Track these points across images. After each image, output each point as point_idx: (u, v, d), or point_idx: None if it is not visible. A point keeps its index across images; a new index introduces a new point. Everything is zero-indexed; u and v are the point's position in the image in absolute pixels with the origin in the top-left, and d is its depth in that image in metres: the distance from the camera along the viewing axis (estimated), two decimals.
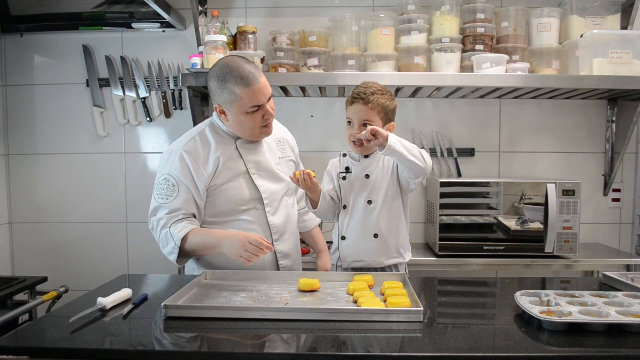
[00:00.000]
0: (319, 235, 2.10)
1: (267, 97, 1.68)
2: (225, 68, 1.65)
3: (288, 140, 1.95)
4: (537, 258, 2.36)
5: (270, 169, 1.80)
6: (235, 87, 1.62)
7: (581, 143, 2.81)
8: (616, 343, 1.13)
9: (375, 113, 1.69)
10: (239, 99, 1.63)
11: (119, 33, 2.81)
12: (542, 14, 2.57)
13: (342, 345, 1.14)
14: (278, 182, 1.80)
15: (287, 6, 2.79)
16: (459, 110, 2.81)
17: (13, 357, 1.11)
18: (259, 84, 1.64)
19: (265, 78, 1.68)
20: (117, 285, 1.57)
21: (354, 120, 1.71)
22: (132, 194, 2.87)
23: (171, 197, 1.68)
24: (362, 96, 1.68)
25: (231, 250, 1.55)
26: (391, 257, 1.76)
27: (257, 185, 1.75)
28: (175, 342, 1.18)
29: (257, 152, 1.79)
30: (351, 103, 1.72)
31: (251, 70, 1.64)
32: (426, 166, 1.62)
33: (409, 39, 2.54)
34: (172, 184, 1.69)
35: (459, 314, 1.41)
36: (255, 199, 1.75)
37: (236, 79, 1.62)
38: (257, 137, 1.76)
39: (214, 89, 1.68)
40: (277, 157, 1.84)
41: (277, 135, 1.90)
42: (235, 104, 1.64)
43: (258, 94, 1.64)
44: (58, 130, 2.86)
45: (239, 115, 1.66)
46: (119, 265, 2.84)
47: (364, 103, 1.68)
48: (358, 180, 1.75)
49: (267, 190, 1.76)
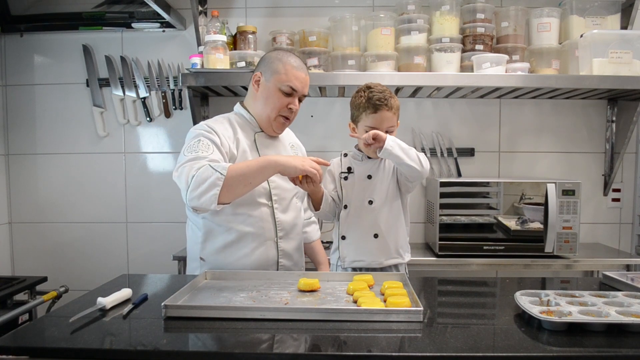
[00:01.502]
0: (320, 247, 2.10)
1: (303, 91, 1.76)
2: (293, 51, 1.84)
3: (300, 146, 2.00)
4: (537, 258, 2.36)
5: None
6: (289, 64, 1.74)
7: (581, 143, 2.81)
8: (616, 343, 1.13)
9: (396, 117, 1.74)
10: (284, 73, 1.73)
11: (119, 33, 2.81)
12: (542, 14, 2.57)
13: (342, 345, 1.14)
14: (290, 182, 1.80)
15: (287, 6, 2.79)
16: (459, 110, 2.81)
17: (13, 357, 1.11)
18: (305, 75, 1.78)
19: (308, 76, 1.80)
20: (117, 285, 1.56)
21: (381, 128, 1.68)
22: (132, 194, 2.87)
23: (206, 152, 1.62)
24: (385, 102, 1.69)
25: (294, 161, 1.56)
26: (391, 258, 1.76)
27: (269, 180, 1.75)
28: (175, 342, 1.18)
29: (273, 149, 1.82)
30: (374, 110, 1.69)
31: (304, 66, 1.81)
32: (423, 170, 1.63)
33: (409, 39, 2.54)
34: (206, 145, 1.64)
35: (459, 314, 1.41)
36: (266, 194, 1.76)
37: (294, 60, 1.76)
38: (272, 124, 1.78)
39: (269, 57, 1.78)
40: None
41: (292, 140, 1.97)
42: (277, 76, 1.73)
43: (300, 80, 1.75)
44: (58, 130, 2.86)
45: (273, 89, 1.73)
46: (118, 265, 2.84)
47: (388, 109, 1.70)
48: (360, 181, 1.76)
49: (278, 186, 1.78)
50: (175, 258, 2.46)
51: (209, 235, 1.75)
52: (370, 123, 1.71)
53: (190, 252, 1.85)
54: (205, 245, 1.76)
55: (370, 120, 1.71)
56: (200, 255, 1.77)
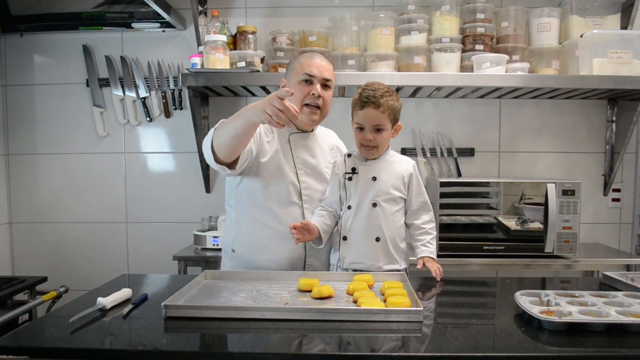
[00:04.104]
0: None
1: (321, 75, 1.76)
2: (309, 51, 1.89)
3: (342, 150, 1.98)
4: (537, 258, 2.36)
5: (318, 169, 1.83)
6: (301, 57, 1.80)
7: (581, 143, 2.81)
8: (616, 343, 1.13)
9: (386, 116, 1.68)
10: (298, 66, 1.77)
11: (119, 33, 2.81)
12: (542, 14, 2.57)
13: (341, 345, 1.15)
14: (322, 183, 1.83)
15: (287, 6, 2.79)
16: (459, 110, 2.81)
17: (13, 357, 1.11)
18: (320, 60, 1.78)
19: (328, 64, 1.80)
20: (117, 285, 1.56)
21: (366, 126, 1.68)
22: (132, 194, 2.87)
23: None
24: (372, 100, 1.66)
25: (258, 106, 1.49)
26: (389, 263, 1.75)
27: (301, 181, 1.78)
28: (175, 342, 1.18)
29: (308, 150, 1.83)
30: (361, 107, 1.68)
31: (321, 54, 1.82)
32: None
33: (409, 39, 2.54)
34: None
35: (459, 314, 1.41)
36: (297, 194, 1.78)
37: (308, 54, 1.81)
38: (303, 118, 1.77)
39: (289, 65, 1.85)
40: (327, 160, 1.87)
41: (331, 143, 1.96)
42: (293, 71, 1.78)
43: (314, 65, 1.76)
44: (58, 130, 2.86)
45: (293, 84, 1.76)
46: (118, 265, 2.84)
47: (375, 107, 1.66)
48: (364, 182, 1.74)
49: (309, 187, 1.79)
50: (175, 258, 2.46)
51: (241, 229, 1.80)
52: (357, 119, 1.70)
53: (224, 245, 1.91)
54: (237, 238, 1.81)
55: (357, 116, 1.70)
56: (232, 247, 1.82)
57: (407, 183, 1.75)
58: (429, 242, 1.76)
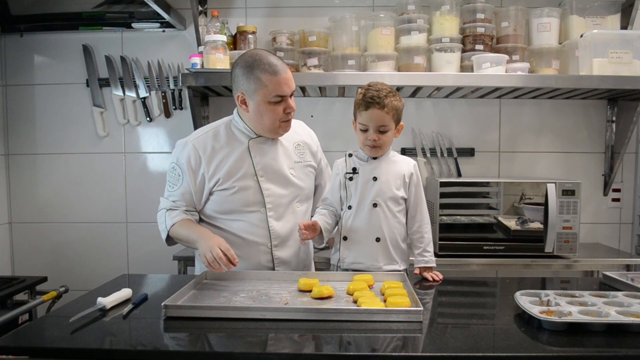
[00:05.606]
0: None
1: (291, 90, 1.70)
2: (255, 56, 1.68)
3: (310, 145, 1.92)
4: (537, 258, 2.35)
5: (281, 172, 1.77)
6: (263, 74, 1.64)
7: (581, 143, 2.81)
8: (616, 343, 1.13)
9: (390, 117, 1.68)
10: (264, 86, 1.65)
11: (119, 33, 2.81)
12: (542, 14, 2.57)
13: (342, 345, 1.15)
14: (287, 187, 1.78)
15: (287, 6, 2.79)
16: (459, 110, 2.81)
17: (13, 357, 1.11)
18: (285, 74, 1.67)
19: (289, 70, 1.70)
20: (117, 285, 1.56)
21: (371, 127, 1.68)
22: (132, 194, 2.87)
23: (175, 186, 1.78)
24: (377, 100, 1.66)
25: (201, 249, 1.60)
26: (389, 263, 1.75)
27: (263, 188, 1.74)
28: (175, 342, 1.18)
29: (269, 155, 1.77)
30: (366, 108, 1.68)
31: (279, 62, 1.69)
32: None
33: (409, 39, 2.54)
34: (177, 174, 1.78)
35: (459, 314, 1.41)
36: (260, 202, 1.74)
37: (264, 67, 1.65)
38: (276, 132, 1.74)
39: (239, 76, 1.69)
40: (292, 161, 1.81)
41: (298, 139, 1.88)
42: (260, 92, 1.65)
43: (283, 84, 1.66)
44: (58, 130, 2.86)
45: (262, 104, 1.67)
46: (119, 265, 2.84)
47: (379, 108, 1.66)
48: (365, 182, 1.74)
49: (272, 194, 1.75)
50: (175, 258, 2.46)
51: None
52: (362, 120, 1.70)
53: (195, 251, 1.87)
54: None
55: (362, 117, 1.70)
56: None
57: (408, 183, 1.75)
58: (425, 250, 1.76)
